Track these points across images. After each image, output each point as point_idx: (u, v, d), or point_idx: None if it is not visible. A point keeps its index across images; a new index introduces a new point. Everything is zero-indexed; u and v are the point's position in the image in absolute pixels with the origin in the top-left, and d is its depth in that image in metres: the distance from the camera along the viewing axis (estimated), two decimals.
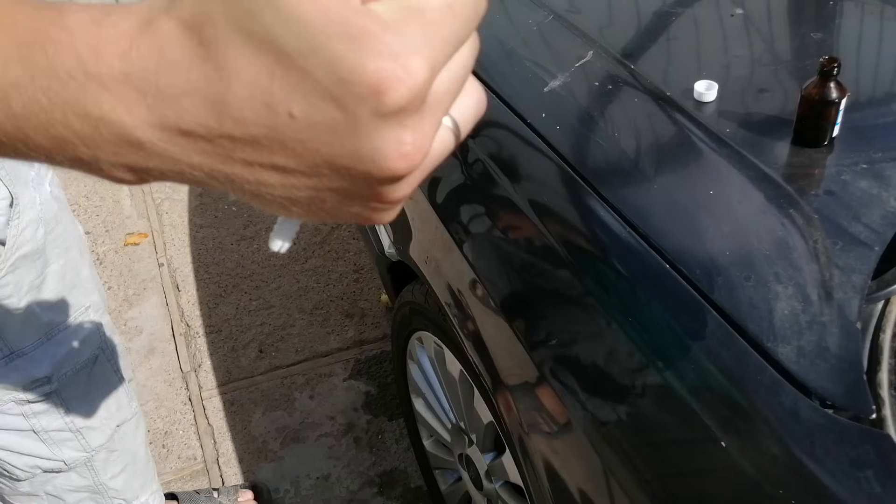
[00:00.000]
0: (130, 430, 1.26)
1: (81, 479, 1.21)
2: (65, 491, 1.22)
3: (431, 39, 0.28)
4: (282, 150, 0.28)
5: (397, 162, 0.28)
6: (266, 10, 0.26)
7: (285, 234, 0.37)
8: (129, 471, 1.28)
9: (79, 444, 1.16)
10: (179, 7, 0.27)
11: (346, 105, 0.27)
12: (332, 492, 1.84)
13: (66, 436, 1.14)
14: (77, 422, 1.14)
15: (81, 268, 1.13)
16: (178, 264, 2.52)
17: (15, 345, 1.03)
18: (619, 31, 1.31)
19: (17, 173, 0.97)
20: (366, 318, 2.29)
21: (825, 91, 0.94)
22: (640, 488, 0.81)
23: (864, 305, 0.80)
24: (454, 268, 1.16)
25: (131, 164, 0.30)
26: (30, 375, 1.05)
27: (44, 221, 1.02)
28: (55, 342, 1.07)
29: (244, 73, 0.27)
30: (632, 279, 0.88)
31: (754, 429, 0.73)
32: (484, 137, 1.17)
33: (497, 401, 1.09)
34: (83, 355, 1.11)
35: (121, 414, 1.21)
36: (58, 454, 1.14)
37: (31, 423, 1.09)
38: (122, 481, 1.27)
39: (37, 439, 1.11)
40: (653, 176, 0.99)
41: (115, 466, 1.25)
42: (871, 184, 0.91)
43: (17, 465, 1.13)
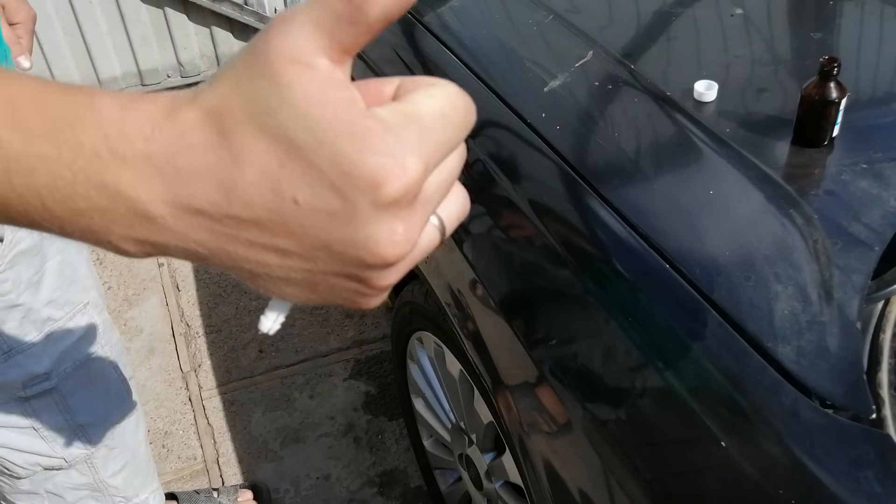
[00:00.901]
0: (131, 428, 1.26)
1: (82, 476, 1.21)
2: (65, 489, 1.22)
3: (426, 143, 0.31)
4: (284, 233, 0.31)
5: (388, 249, 0.31)
6: (282, 107, 0.29)
7: (276, 315, 0.39)
8: (129, 468, 1.27)
9: (79, 440, 1.16)
10: (202, 99, 0.30)
11: (346, 195, 0.30)
12: (332, 492, 1.84)
13: (66, 433, 1.13)
14: (77, 418, 1.13)
15: (79, 265, 1.13)
16: (178, 264, 2.52)
17: (14, 341, 1.03)
18: (619, 31, 1.31)
19: None
20: (366, 318, 2.29)
21: (825, 91, 0.94)
22: (640, 488, 0.81)
23: (864, 305, 0.80)
24: (454, 268, 1.16)
25: (141, 238, 0.32)
26: (29, 372, 1.05)
27: None
28: (54, 339, 1.07)
29: (256, 161, 0.30)
30: (631, 279, 0.88)
31: (754, 429, 0.73)
32: (484, 137, 1.17)
33: (497, 401, 1.09)
34: (82, 352, 1.11)
35: (121, 411, 1.21)
36: (58, 451, 1.14)
37: (31, 421, 1.09)
38: (123, 479, 1.27)
39: (37, 436, 1.11)
40: (653, 176, 0.99)
41: (115, 464, 1.24)
42: (871, 184, 0.91)
43: (17, 462, 1.13)
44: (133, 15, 3.04)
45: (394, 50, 1.49)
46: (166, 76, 3.23)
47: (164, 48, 3.17)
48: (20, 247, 0.99)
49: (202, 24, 3.18)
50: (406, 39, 1.48)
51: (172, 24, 3.12)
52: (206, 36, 3.22)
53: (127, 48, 3.11)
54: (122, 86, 3.17)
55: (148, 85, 3.22)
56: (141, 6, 3.03)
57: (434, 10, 1.49)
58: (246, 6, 3.18)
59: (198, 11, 3.13)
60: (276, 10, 3.26)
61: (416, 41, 1.45)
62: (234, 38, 3.26)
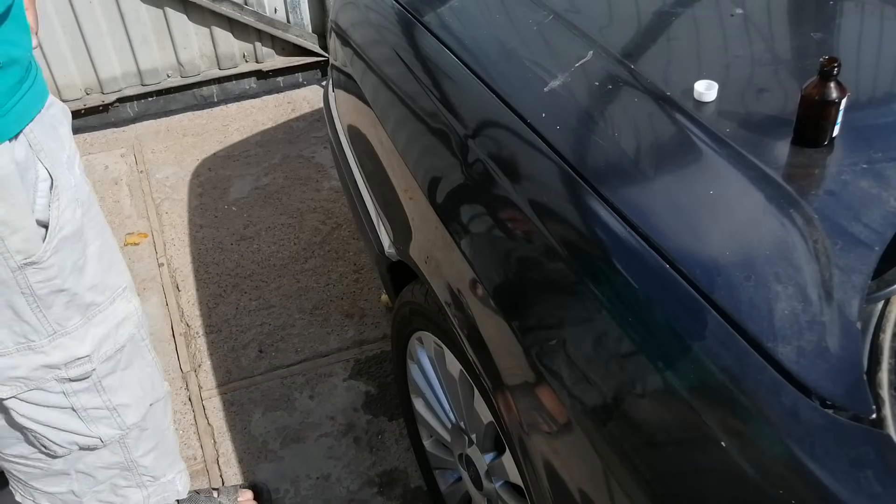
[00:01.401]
0: (160, 410, 1.29)
1: (113, 455, 1.24)
2: (96, 468, 1.25)
3: None
4: None
5: None
6: None
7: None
8: (159, 449, 1.31)
9: (114, 421, 1.19)
10: None
11: None
12: (332, 492, 1.84)
13: (102, 413, 1.17)
14: (113, 399, 1.17)
15: (115, 250, 1.16)
16: (178, 264, 2.52)
17: (58, 325, 1.06)
18: (619, 31, 1.31)
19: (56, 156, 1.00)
20: (366, 318, 2.29)
21: (825, 91, 0.94)
22: (640, 488, 0.81)
23: (864, 305, 0.80)
24: (454, 268, 1.16)
25: None
26: (72, 354, 1.08)
27: (80, 202, 1.05)
28: (95, 322, 1.10)
29: None
30: (632, 279, 0.88)
31: (754, 429, 0.73)
32: (484, 137, 1.17)
33: (497, 401, 1.09)
34: (121, 335, 1.15)
35: (154, 393, 1.25)
36: (94, 431, 1.18)
37: (71, 401, 1.12)
38: (152, 459, 1.30)
39: (75, 416, 1.15)
40: (653, 176, 0.99)
41: (146, 444, 1.27)
42: (871, 184, 0.91)
43: (56, 440, 1.16)
44: (133, 15, 3.04)
45: (394, 50, 1.49)
46: (166, 76, 3.23)
47: (164, 48, 3.17)
48: (63, 232, 1.01)
49: (202, 24, 3.18)
50: (406, 39, 1.48)
51: (172, 24, 3.12)
52: (206, 36, 3.22)
53: (127, 48, 3.11)
54: (121, 86, 3.18)
55: (148, 84, 3.22)
56: (141, 6, 3.03)
57: (434, 10, 1.49)
58: (246, 6, 3.18)
59: (198, 11, 3.13)
60: (276, 10, 3.26)
61: (416, 41, 1.45)
62: (234, 38, 3.26)
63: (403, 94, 1.39)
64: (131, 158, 3.03)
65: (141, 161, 3.01)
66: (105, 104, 3.17)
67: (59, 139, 1.02)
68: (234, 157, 3.00)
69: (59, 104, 1.05)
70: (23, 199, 0.95)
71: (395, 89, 1.43)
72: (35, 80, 0.98)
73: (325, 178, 2.85)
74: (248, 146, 3.07)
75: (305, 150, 3.01)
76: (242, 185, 2.84)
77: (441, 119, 1.26)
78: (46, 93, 1.01)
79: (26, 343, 1.04)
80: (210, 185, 2.85)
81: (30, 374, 1.07)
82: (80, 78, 3.09)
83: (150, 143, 3.12)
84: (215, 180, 2.87)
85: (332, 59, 1.86)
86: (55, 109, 1.03)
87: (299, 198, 2.76)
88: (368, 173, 1.61)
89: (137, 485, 1.31)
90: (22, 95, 0.94)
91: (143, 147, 3.10)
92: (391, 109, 1.43)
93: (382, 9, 1.62)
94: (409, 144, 1.34)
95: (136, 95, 3.23)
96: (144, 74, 3.20)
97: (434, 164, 1.25)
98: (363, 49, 1.62)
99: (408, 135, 1.36)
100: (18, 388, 1.07)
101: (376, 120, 1.47)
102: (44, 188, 0.98)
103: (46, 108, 1.00)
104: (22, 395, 1.08)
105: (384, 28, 1.59)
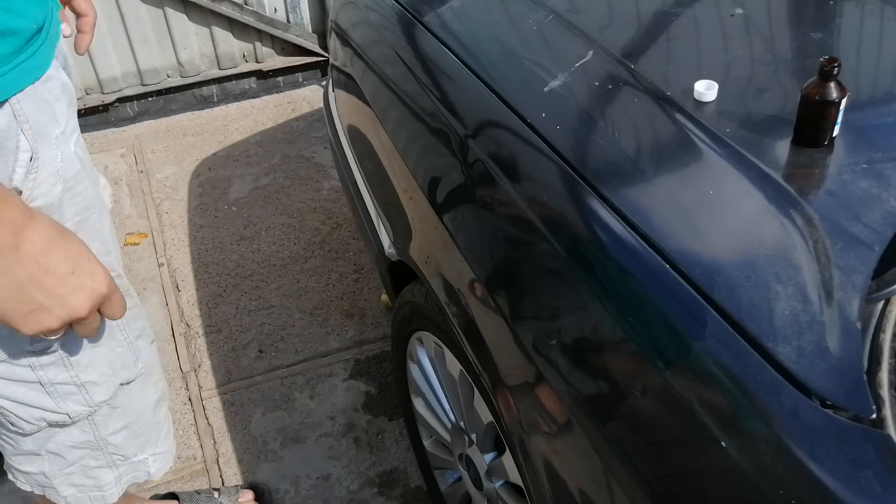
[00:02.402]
0: (136, 390, 1.29)
1: (83, 434, 1.24)
2: (66, 447, 1.25)
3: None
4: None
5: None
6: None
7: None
8: (130, 429, 1.31)
9: (82, 398, 1.19)
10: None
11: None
12: (332, 492, 1.84)
13: (70, 389, 1.17)
14: (81, 376, 1.17)
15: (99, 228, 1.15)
16: (178, 264, 2.52)
17: None
18: (619, 31, 1.31)
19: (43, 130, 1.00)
20: (366, 318, 2.29)
21: (825, 91, 0.94)
22: (640, 488, 0.81)
23: (864, 305, 0.80)
24: (454, 268, 1.16)
25: None
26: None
27: (63, 179, 1.05)
28: None
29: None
30: (632, 279, 0.88)
31: (754, 429, 0.73)
32: (484, 137, 1.17)
33: (497, 401, 1.09)
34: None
35: (125, 373, 1.24)
36: (63, 407, 1.17)
37: (38, 375, 1.12)
38: (122, 438, 1.30)
39: (43, 392, 1.14)
40: (653, 176, 0.99)
41: (116, 423, 1.27)
42: (871, 184, 0.91)
43: (23, 416, 1.16)
44: (133, 15, 3.04)
45: (394, 50, 1.49)
46: (166, 76, 3.23)
47: (164, 48, 3.17)
48: (36, 203, 1.01)
49: (202, 24, 3.18)
50: (406, 39, 1.48)
51: (172, 24, 3.12)
52: (206, 36, 3.22)
53: (127, 48, 3.11)
54: (121, 86, 3.18)
55: (148, 84, 3.22)
56: (141, 6, 3.03)
57: (434, 10, 1.49)
58: (246, 6, 3.17)
59: (198, 11, 3.13)
60: (276, 10, 3.26)
61: (416, 41, 1.45)
62: (234, 38, 3.26)
63: (403, 94, 1.39)
64: (131, 158, 3.03)
65: (141, 161, 3.01)
66: (105, 104, 3.17)
67: (52, 114, 1.02)
68: (234, 157, 3.00)
69: (60, 80, 1.05)
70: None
71: (395, 89, 1.42)
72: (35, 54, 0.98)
73: (325, 178, 2.85)
74: (248, 146, 3.07)
75: (305, 150, 3.01)
76: (242, 185, 2.84)
77: (441, 119, 1.26)
78: (46, 67, 1.01)
79: None
80: (210, 185, 2.85)
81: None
82: (80, 78, 3.09)
83: (150, 143, 3.12)
84: (215, 180, 2.87)
85: (332, 59, 1.86)
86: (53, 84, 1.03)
87: (299, 198, 2.76)
88: (368, 173, 1.61)
89: (108, 464, 1.32)
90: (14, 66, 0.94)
91: (142, 147, 3.10)
92: (391, 109, 1.43)
93: (382, 9, 1.62)
94: (409, 144, 1.34)
95: (136, 95, 3.23)
96: (144, 74, 3.20)
97: (434, 164, 1.25)
98: (363, 49, 1.62)
99: (408, 135, 1.36)
100: None
101: (376, 120, 1.47)
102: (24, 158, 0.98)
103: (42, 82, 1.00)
104: None
105: (384, 28, 1.59)
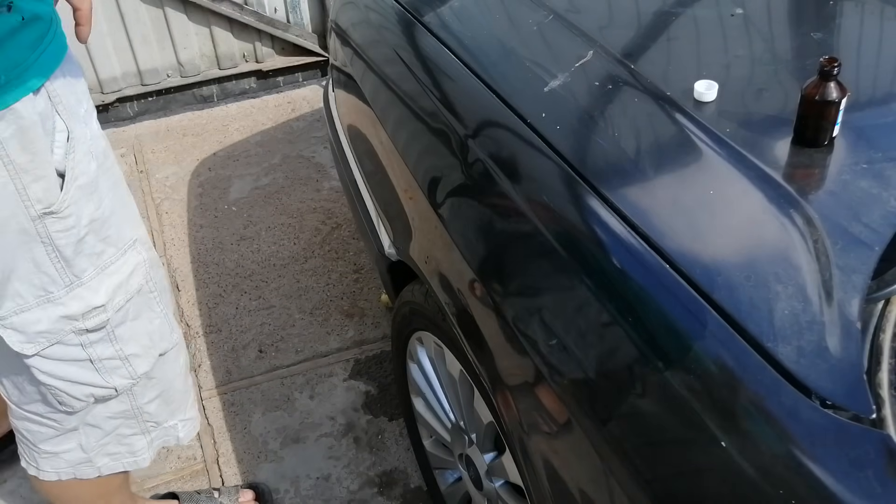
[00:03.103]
0: (171, 359, 1.33)
1: (120, 404, 1.28)
2: (103, 419, 1.28)
3: None
4: None
5: None
6: None
7: None
8: (163, 397, 1.34)
9: (126, 371, 1.22)
10: None
11: None
12: (332, 492, 1.84)
13: (115, 363, 1.20)
14: (125, 349, 1.20)
15: (128, 201, 1.19)
16: (178, 264, 2.52)
17: (75, 276, 1.09)
18: (619, 31, 1.31)
19: (73, 110, 1.04)
20: (366, 318, 2.29)
21: (825, 91, 0.94)
22: (640, 488, 0.81)
23: (864, 305, 0.80)
24: (454, 268, 1.16)
25: None
26: (88, 304, 1.11)
27: (94, 155, 1.08)
28: (109, 273, 1.13)
29: None
30: (631, 279, 0.88)
31: (754, 429, 0.73)
32: (484, 137, 1.17)
33: (497, 401, 1.09)
34: (132, 286, 1.17)
35: (163, 343, 1.28)
36: (110, 382, 1.21)
37: (88, 353, 1.16)
38: (156, 406, 1.34)
39: (92, 368, 1.18)
40: (653, 176, 0.99)
41: (152, 392, 1.31)
42: (871, 184, 0.91)
43: (75, 395, 1.19)
44: (133, 15, 3.04)
45: (394, 50, 1.49)
46: (166, 76, 3.23)
47: (164, 48, 3.17)
48: (79, 182, 1.05)
49: (202, 24, 3.18)
50: (406, 39, 1.48)
51: (172, 24, 3.12)
52: (206, 36, 3.22)
53: (127, 48, 3.11)
54: (121, 86, 3.18)
55: (148, 84, 3.22)
56: (141, 6, 3.03)
57: (434, 10, 1.49)
58: (246, 6, 3.17)
59: (198, 11, 3.13)
60: (276, 10, 3.26)
61: (416, 41, 1.45)
62: (234, 37, 3.26)
63: (403, 94, 1.39)
64: (131, 158, 3.03)
65: (141, 161, 3.01)
66: (105, 104, 3.17)
67: (76, 94, 1.06)
68: (234, 157, 3.00)
69: (75, 60, 1.08)
70: (44, 149, 0.99)
71: (395, 89, 1.43)
72: (55, 35, 1.01)
73: (325, 178, 2.85)
74: (248, 146, 3.07)
75: (305, 150, 3.01)
76: (242, 185, 2.84)
77: (441, 119, 1.26)
78: (66, 47, 1.05)
79: (45, 295, 1.07)
80: (210, 185, 2.85)
81: (51, 328, 1.10)
82: None
83: (150, 143, 3.12)
84: (215, 180, 2.87)
85: (332, 59, 1.86)
86: (72, 65, 1.06)
87: (299, 198, 2.76)
88: (368, 173, 1.61)
89: (142, 431, 1.35)
90: (43, 49, 0.97)
91: (142, 147, 3.10)
92: (391, 109, 1.43)
93: (382, 9, 1.62)
94: (409, 144, 1.34)
95: (135, 95, 3.22)
96: (144, 74, 3.20)
97: (434, 164, 1.25)
98: (363, 49, 1.62)
99: (408, 135, 1.36)
100: (41, 344, 1.10)
101: (376, 120, 1.47)
102: (61, 139, 1.01)
103: (66, 62, 1.03)
104: (44, 351, 1.11)
105: (384, 28, 1.59)
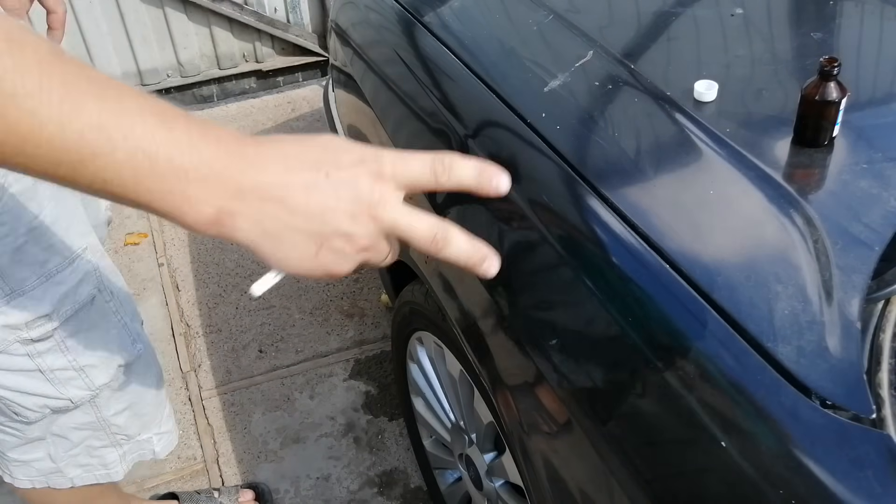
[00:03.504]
0: (138, 371, 1.29)
1: (85, 416, 1.25)
2: (69, 429, 1.25)
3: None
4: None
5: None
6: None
7: (272, 277, 0.56)
8: (133, 409, 1.31)
9: (82, 382, 1.19)
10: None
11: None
12: (332, 492, 1.84)
13: (70, 374, 1.17)
14: (79, 360, 1.17)
15: (75, 210, 1.15)
16: (178, 264, 2.52)
17: (15, 284, 1.05)
18: (619, 31, 1.31)
19: None
20: (366, 318, 2.29)
21: (825, 91, 0.94)
22: (640, 488, 0.81)
23: (864, 305, 0.80)
24: (454, 268, 1.16)
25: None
26: (31, 314, 1.08)
27: None
28: (54, 282, 1.10)
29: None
30: (632, 279, 0.88)
31: (754, 429, 0.73)
32: (484, 137, 1.17)
33: (497, 401, 1.09)
34: (81, 295, 1.14)
35: (123, 354, 1.24)
36: (64, 393, 1.18)
37: (37, 363, 1.13)
38: (125, 418, 1.31)
39: (43, 379, 1.15)
40: (653, 176, 0.99)
41: (118, 404, 1.28)
42: (871, 184, 0.91)
43: (27, 405, 1.16)
44: (133, 15, 3.04)
45: (394, 50, 1.49)
46: (166, 76, 3.23)
47: (164, 48, 3.17)
48: (12, 189, 1.01)
49: (202, 24, 3.18)
50: (406, 39, 1.48)
51: (172, 24, 3.12)
52: (206, 36, 3.22)
53: (127, 48, 3.11)
54: None
55: (148, 85, 3.22)
56: (141, 6, 3.04)
57: (434, 10, 1.49)
58: (246, 6, 3.17)
59: (198, 11, 3.13)
60: (276, 10, 3.26)
61: (416, 41, 1.45)
62: (234, 37, 3.26)
63: (403, 94, 1.39)
64: None
65: None
66: None
67: None
68: None
69: None
70: None
71: (395, 89, 1.42)
72: None
73: None
74: None
75: None
76: None
77: (441, 119, 1.26)
78: None
79: None
80: None
81: None
82: None
83: None
84: None
85: (332, 59, 1.86)
86: None
87: None
88: None
89: (112, 444, 1.32)
90: None
91: None
92: (391, 109, 1.43)
93: (382, 9, 1.62)
94: (409, 144, 1.34)
95: None
96: (144, 74, 3.20)
97: None
98: (363, 49, 1.62)
99: (408, 135, 1.36)
100: None
101: (376, 120, 1.47)
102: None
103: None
104: None
105: (384, 28, 1.59)
